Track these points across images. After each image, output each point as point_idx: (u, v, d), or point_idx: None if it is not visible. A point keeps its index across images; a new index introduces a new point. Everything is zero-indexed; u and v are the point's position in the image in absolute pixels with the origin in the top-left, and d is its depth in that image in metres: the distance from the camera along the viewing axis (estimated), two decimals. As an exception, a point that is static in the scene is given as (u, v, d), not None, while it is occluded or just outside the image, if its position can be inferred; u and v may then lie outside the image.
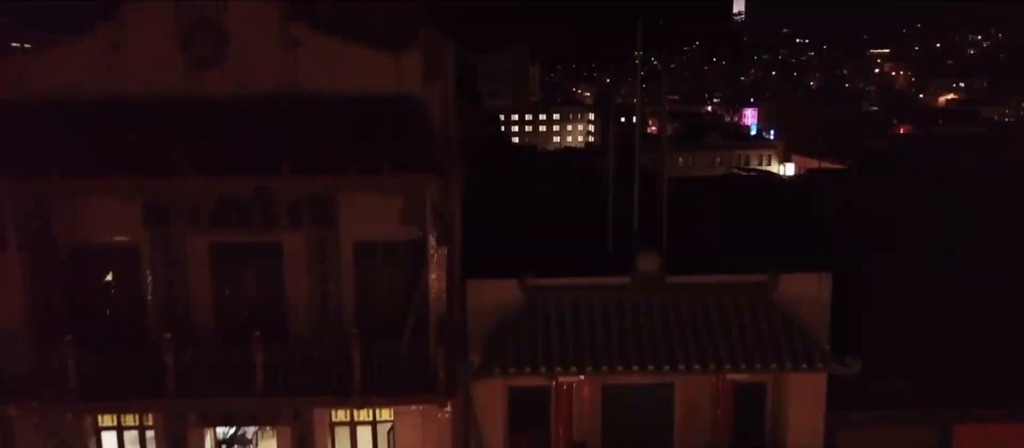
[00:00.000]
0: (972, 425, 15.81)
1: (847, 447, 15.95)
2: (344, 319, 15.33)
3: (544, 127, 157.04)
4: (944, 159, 48.56)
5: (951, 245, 17.31)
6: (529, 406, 16.52)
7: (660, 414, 16.56)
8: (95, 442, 16.08)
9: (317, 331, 15.45)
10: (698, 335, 14.87)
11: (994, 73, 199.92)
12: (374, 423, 16.27)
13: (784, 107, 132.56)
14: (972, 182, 21.19)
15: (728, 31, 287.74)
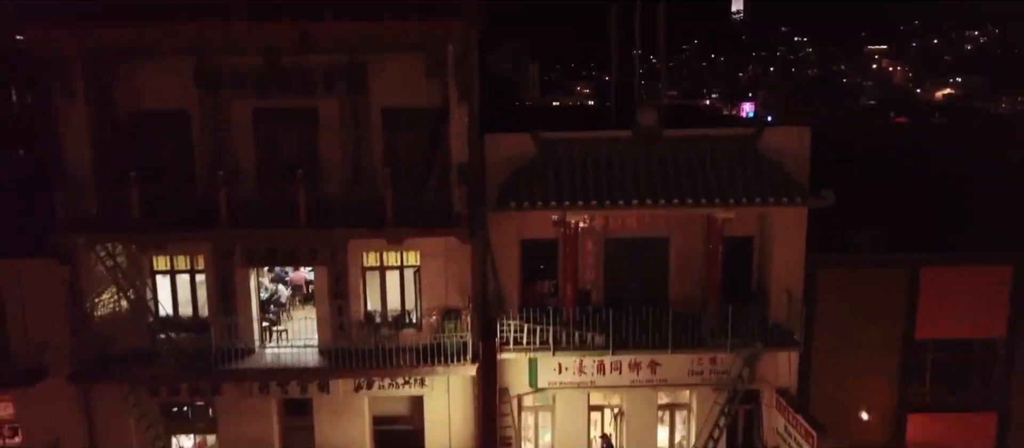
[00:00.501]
0: (936, 267, 17.61)
1: (825, 288, 17.72)
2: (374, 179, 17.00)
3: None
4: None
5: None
6: (539, 258, 18.34)
7: (656, 266, 18.34)
8: (151, 285, 17.85)
9: (350, 191, 17.18)
10: (692, 178, 16.68)
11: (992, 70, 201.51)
12: (401, 268, 18.06)
13: (782, 95, 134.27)
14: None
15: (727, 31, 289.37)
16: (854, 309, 17.86)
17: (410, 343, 17.66)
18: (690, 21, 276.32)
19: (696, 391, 18.32)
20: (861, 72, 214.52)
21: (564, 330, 17.19)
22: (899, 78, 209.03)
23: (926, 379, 18.38)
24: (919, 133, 29.05)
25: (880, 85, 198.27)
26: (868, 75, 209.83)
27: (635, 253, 18.31)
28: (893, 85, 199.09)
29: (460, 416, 18.19)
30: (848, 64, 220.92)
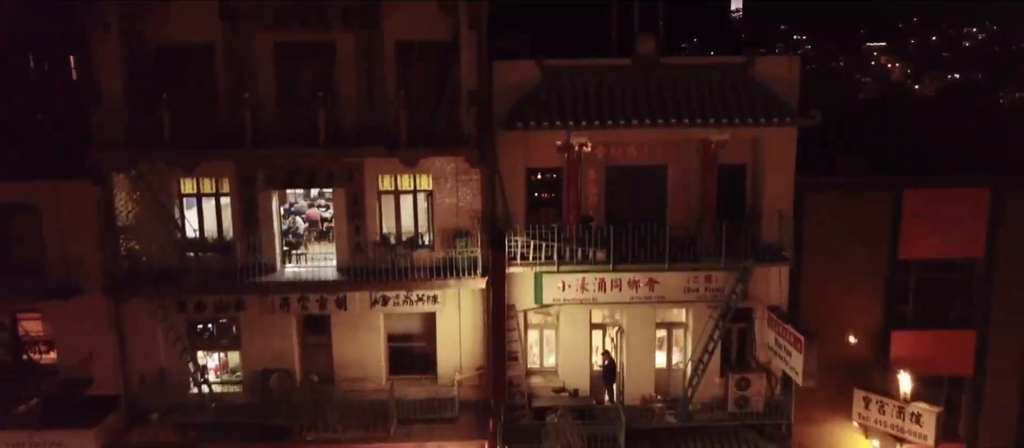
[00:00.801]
0: (918, 190, 18.71)
1: (813, 209, 18.81)
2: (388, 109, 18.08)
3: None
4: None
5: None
6: (544, 187, 19.44)
7: (655, 192, 19.40)
8: (179, 207, 18.95)
9: (365, 118, 18.27)
10: (689, 102, 17.78)
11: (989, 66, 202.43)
12: (414, 192, 19.16)
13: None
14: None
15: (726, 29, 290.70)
16: (841, 231, 18.93)
17: (423, 263, 18.75)
18: (689, 20, 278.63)
19: (692, 309, 19.39)
20: (860, 69, 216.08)
21: (567, 246, 18.26)
22: (898, 74, 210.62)
23: (909, 297, 19.45)
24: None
25: (879, 81, 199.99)
26: (867, 72, 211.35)
27: (635, 181, 19.38)
28: (892, 81, 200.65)
29: (470, 333, 19.29)
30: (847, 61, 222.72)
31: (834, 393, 19.37)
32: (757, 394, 19.15)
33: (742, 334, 19.87)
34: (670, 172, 19.35)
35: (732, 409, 19.22)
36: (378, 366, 19.42)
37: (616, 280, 18.79)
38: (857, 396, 19.21)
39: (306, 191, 21.84)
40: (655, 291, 18.92)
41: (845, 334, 19.26)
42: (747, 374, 19.19)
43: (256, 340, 19.25)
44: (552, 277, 18.69)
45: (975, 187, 18.78)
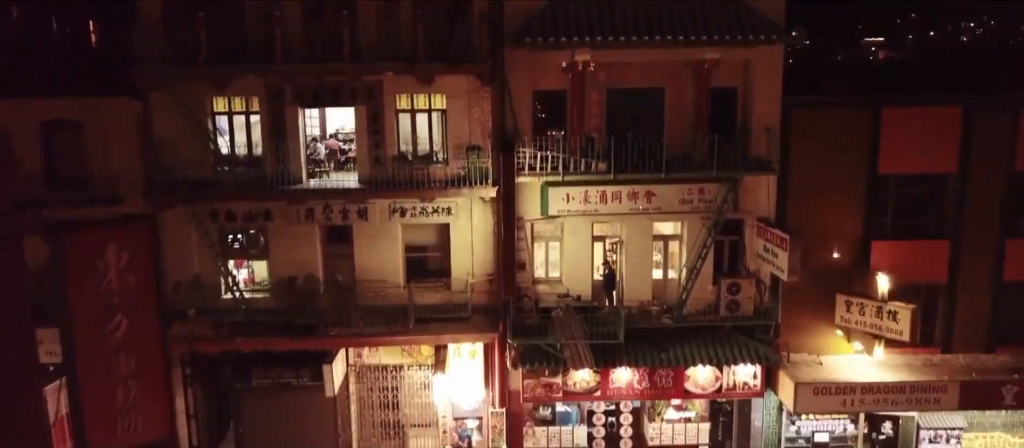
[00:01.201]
0: (896, 108, 20.24)
1: (799, 127, 20.33)
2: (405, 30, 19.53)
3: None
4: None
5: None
6: (550, 106, 20.93)
7: (653, 114, 20.90)
8: (212, 123, 20.44)
9: (384, 38, 19.78)
10: (684, 23, 19.29)
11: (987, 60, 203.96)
12: (429, 111, 20.68)
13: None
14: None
15: None
16: (825, 147, 20.46)
17: (438, 177, 20.30)
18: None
19: (686, 221, 20.90)
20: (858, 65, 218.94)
21: (571, 158, 19.79)
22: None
23: (888, 210, 20.98)
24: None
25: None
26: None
27: (634, 102, 20.85)
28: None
29: (481, 243, 20.81)
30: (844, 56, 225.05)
31: (818, 300, 20.93)
32: (747, 298, 20.69)
33: (733, 246, 21.38)
34: (667, 95, 20.84)
35: (724, 313, 20.77)
36: (396, 274, 20.91)
37: (616, 192, 20.32)
38: (839, 300, 20.75)
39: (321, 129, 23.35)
40: (652, 203, 20.45)
41: (829, 244, 20.77)
42: (738, 279, 20.73)
43: (283, 249, 20.73)
44: (557, 190, 20.22)
45: (948, 106, 20.30)
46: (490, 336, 20.16)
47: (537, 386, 21.04)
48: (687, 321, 20.68)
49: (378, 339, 20.18)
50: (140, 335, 7.84)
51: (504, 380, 21.17)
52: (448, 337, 20.26)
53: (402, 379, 22.03)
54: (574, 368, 19.71)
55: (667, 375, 20.91)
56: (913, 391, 19.96)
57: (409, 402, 22.14)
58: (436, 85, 19.99)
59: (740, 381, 21.11)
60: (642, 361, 20.45)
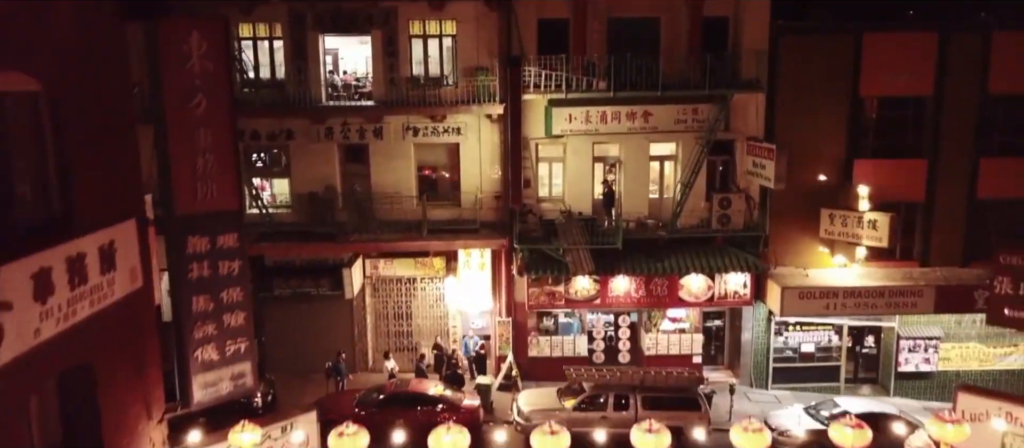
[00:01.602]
0: (876, 34, 21.67)
1: (786, 51, 21.74)
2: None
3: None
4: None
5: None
6: (553, 34, 22.29)
7: (650, 40, 22.29)
8: (237, 47, 21.84)
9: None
10: (677, -49, 20.73)
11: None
12: (440, 36, 22.10)
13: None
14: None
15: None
16: (811, 71, 21.87)
17: (449, 98, 21.74)
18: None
19: (681, 141, 22.35)
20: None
21: (574, 77, 21.22)
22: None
23: (869, 130, 22.42)
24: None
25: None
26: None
27: (632, 30, 22.21)
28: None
29: (489, 162, 22.25)
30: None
31: (804, 215, 22.39)
32: (737, 212, 22.15)
33: (725, 166, 22.83)
34: (663, 23, 22.23)
35: (715, 226, 22.23)
36: (410, 191, 22.35)
37: (616, 112, 21.78)
38: (824, 214, 22.21)
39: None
40: (649, 122, 21.91)
41: (814, 163, 22.20)
42: (728, 194, 22.19)
43: (303, 168, 22.17)
44: (561, 109, 21.66)
45: (924, 31, 21.73)
46: (498, 242, 21.63)
47: (541, 294, 22.51)
48: (681, 233, 22.13)
49: (394, 245, 21.66)
50: (216, 115, 9.02)
51: (511, 290, 22.65)
52: (459, 244, 21.74)
53: (415, 292, 23.48)
54: (576, 273, 21.17)
55: (662, 284, 22.37)
56: (891, 295, 21.40)
57: (421, 314, 23.58)
58: (447, 11, 21.42)
59: (731, 290, 22.56)
60: (639, 270, 21.90)
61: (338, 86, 24.23)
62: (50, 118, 7.35)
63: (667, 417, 19.06)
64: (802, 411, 20.42)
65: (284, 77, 21.91)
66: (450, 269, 22.74)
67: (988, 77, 21.83)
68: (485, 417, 20.63)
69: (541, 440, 10.89)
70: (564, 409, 19.49)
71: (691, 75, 21.59)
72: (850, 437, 11.08)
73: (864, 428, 11.30)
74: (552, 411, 19.32)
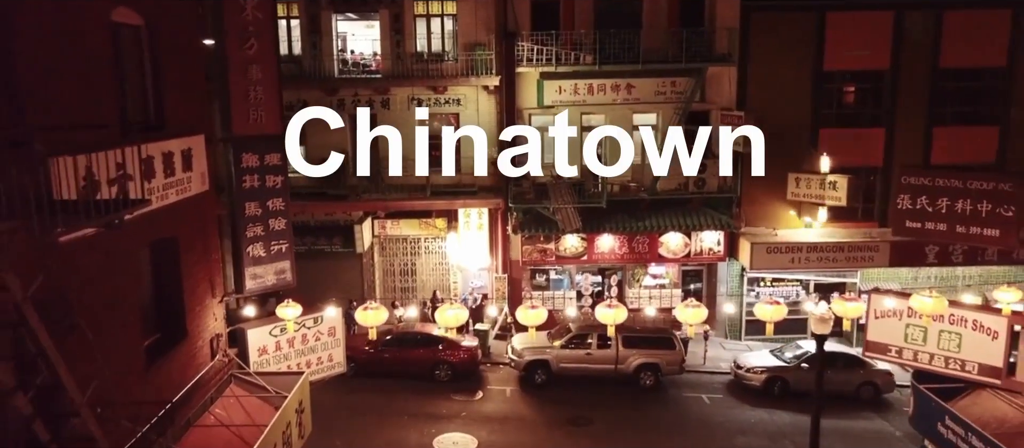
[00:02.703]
0: (838, 13, 23.89)
1: (757, 27, 23.94)
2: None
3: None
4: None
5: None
6: (545, 12, 24.47)
7: (632, 19, 24.46)
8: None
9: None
10: (656, -63, 22.94)
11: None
12: (442, 16, 24.30)
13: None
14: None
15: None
16: (779, 46, 24.08)
17: (450, 72, 23.93)
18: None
19: (661, 111, 24.54)
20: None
21: (563, 51, 23.43)
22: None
23: (833, 101, 24.65)
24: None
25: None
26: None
27: (616, 9, 24.38)
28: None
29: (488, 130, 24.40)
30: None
31: (773, 180, 24.45)
32: (712, 176, 24.35)
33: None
34: (645, 2, 24.40)
35: (692, 189, 24.44)
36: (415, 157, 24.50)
37: (602, 85, 24.00)
38: (790, 178, 24.41)
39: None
40: (632, 94, 24.14)
41: (782, 131, 24.36)
42: (704, 160, 24.35)
43: (316, 135, 24.29)
44: (552, 82, 23.88)
45: (882, 10, 23.95)
46: (495, 202, 23.84)
47: (534, 251, 24.72)
48: (661, 196, 24.35)
49: (401, 203, 23.84)
50: (264, 55, 10.97)
51: (506, 248, 24.85)
52: (459, 203, 23.95)
53: (419, 250, 25.67)
54: (565, 230, 23.35)
55: (644, 241, 24.59)
56: (850, 250, 23.64)
57: (425, 271, 25.77)
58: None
59: (706, 247, 24.79)
60: (622, 228, 24.11)
61: (348, 62, 26.49)
62: (148, 47, 9.49)
63: (645, 354, 21.46)
64: (768, 353, 22.66)
65: (300, 52, 24.07)
66: (451, 228, 24.94)
67: (940, 52, 24.03)
68: (482, 359, 22.81)
69: (524, 313, 13.13)
70: (553, 347, 21.69)
71: (670, 50, 23.80)
72: (850, 309, 13.57)
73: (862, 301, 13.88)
74: (543, 348, 21.55)
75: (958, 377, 12.98)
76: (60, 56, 7.59)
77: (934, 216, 15.19)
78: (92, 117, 7.86)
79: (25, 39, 7.07)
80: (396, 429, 18.58)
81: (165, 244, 9.68)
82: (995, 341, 12.46)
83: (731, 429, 19.16)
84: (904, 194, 16.01)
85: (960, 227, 14.85)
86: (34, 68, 7.17)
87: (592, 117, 24.87)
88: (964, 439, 11.21)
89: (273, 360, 12.25)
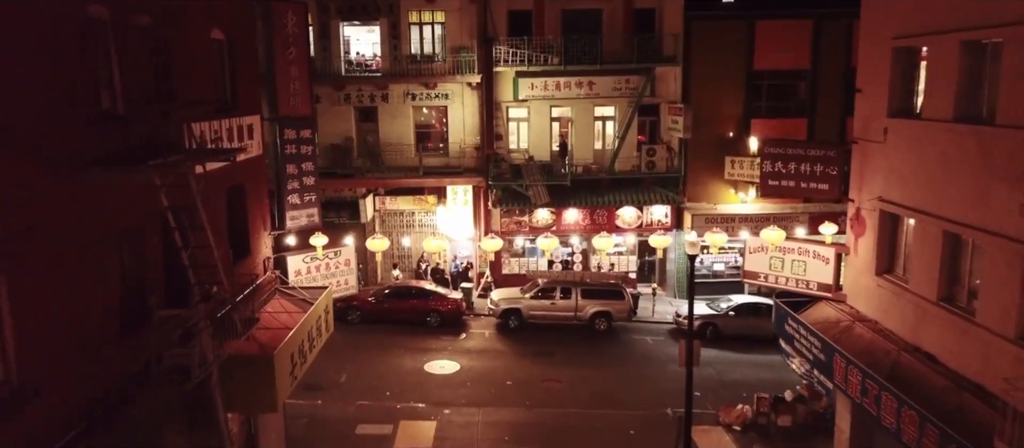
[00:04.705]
0: (765, 21, 28.43)
1: (697, 34, 28.47)
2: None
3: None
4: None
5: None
6: (519, 21, 28.98)
7: (593, 26, 28.97)
8: (276, 32, 28.48)
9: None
10: (611, -42, 27.46)
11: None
12: (433, 23, 28.80)
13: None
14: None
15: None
16: (717, 49, 28.57)
17: (439, 71, 28.44)
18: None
19: (617, 104, 29.08)
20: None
21: (534, 53, 27.95)
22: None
23: (762, 95, 29.18)
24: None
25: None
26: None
27: (580, 18, 28.92)
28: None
29: (471, 122, 28.94)
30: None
31: (713, 163, 29.08)
32: (661, 159, 28.90)
33: (652, 124, 29.57)
34: (604, 13, 28.94)
35: (644, 170, 28.97)
36: (409, 143, 29.03)
37: (567, 82, 28.53)
38: (727, 160, 28.92)
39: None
40: (593, 90, 28.67)
41: (720, 121, 28.92)
42: (653, 146, 28.94)
43: (327, 124, 28.78)
44: (525, 79, 28.39)
45: (802, 19, 28.49)
46: (478, 180, 28.36)
47: (511, 223, 29.23)
48: (617, 175, 28.88)
49: (398, 181, 28.34)
50: (299, 57, 15.07)
51: (488, 221, 29.32)
52: (447, 181, 28.46)
53: (413, 223, 30.16)
54: (536, 204, 27.86)
55: (603, 214, 29.12)
56: (776, 220, 28.11)
57: (418, 240, 30.24)
58: (438, 4, 28.11)
59: (656, 219, 29.33)
60: (585, 203, 28.64)
61: (353, 63, 30.98)
62: (228, 54, 13.88)
63: (599, 303, 25.98)
64: (705, 305, 27.18)
65: (314, 55, 28.50)
66: (441, 203, 29.43)
67: (850, 55, 28.51)
68: (465, 310, 27.31)
69: (487, 242, 17.61)
70: (525, 298, 26.20)
71: (625, 52, 28.32)
72: (774, 237, 18.13)
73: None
74: (516, 299, 26.09)
75: (805, 293, 17.47)
76: (187, 60, 12.07)
77: (786, 176, 19.80)
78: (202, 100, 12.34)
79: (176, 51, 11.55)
80: (395, 358, 23.07)
81: (236, 189, 14.13)
82: (827, 265, 16.97)
83: (665, 360, 23.65)
84: (767, 161, 20.64)
85: (803, 183, 19.46)
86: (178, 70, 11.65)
87: (561, 109, 29.42)
88: (796, 331, 15.65)
89: (305, 280, 16.69)
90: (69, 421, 8.65)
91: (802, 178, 20.65)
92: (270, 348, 12.13)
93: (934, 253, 12.91)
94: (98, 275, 9.35)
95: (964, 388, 11.73)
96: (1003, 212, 11.04)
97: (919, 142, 13.47)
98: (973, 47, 12.03)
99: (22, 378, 7.99)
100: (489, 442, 18.14)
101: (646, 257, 30.87)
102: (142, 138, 10.02)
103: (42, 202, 8.35)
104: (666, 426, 18.79)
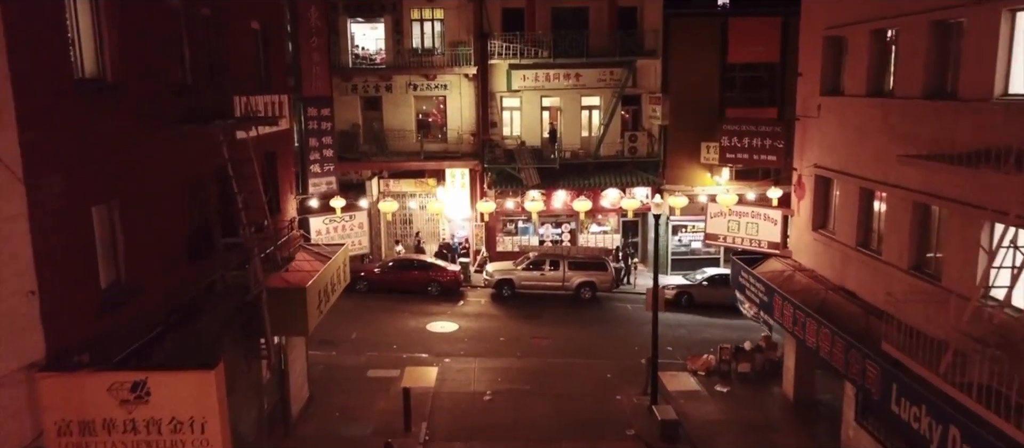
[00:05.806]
0: (736, 18, 31.06)
1: (676, 29, 31.11)
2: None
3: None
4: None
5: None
6: (513, 17, 31.58)
7: (581, 23, 31.62)
8: (289, 28, 31.03)
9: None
10: (596, -40, 30.08)
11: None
12: (433, 20, 31.39)
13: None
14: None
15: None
16: (694, 44, 31.21)
17: (438, 64, 31.03)
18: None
19: (602, 94, 31.70)
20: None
21: (526, 47, 30.56)
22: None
23: (735, 86, 31.81)
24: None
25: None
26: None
27: (568, 15, 31.56)
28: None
29: (468, 110, 31.54)
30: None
31: (690, 148, 31.70)
32: (642, 145, 31.51)
33: (635, 113, 32.20)
34: (590, 11, 31.56)
35: (626, 155, 31.58)
36: (411, 130, 31.60)
37: (556, 74, 31.15)
38: (703, 146, 31.54)
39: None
40: (580, 81, 31.29)
41: (696, 109, 31.53)
42: (635, 133, 31.55)
43: (335, 113, 31.30)
44: (517, 71, 30.99)
45: (771, 17, 31.13)
46: (474, 163, 30.95)
47: (505, 204, 31.80)
48: (602, 160, 31.49)
49: (401, 164, 30.91)
50: (321, 45, 17.41)
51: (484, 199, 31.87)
52: (446, 164, 31.07)
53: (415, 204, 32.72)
54: (527, 185, 30.45)
55: (589, 195, 31.70)
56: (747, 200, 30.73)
57: (419, 220, 32.84)
58: (437, 2, 30.70)
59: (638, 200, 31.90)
60: (572, 185, 31.24)
61: (359, 56, 33.56)
62: (263, 42, 16.45)
63: (585, 274, 28.59)
64: (682, 277, 29.80)
65: (322, 49, 31.07)
66: (440, 185, 32.00)
67: (816, 49, 31.15)
68: (463, 282, 29.89)
69: (481, 204, 20.12)
70: (517, 270, 28.79)
71: (610, 47, 30.94)
72: (728, 200, 20.78)
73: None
74: (509, 271, 28.69)
75: (758, 251, 20.10)
76: (234, 45, 14.64)
77: (742, 150, 22.43)
78: (245, 78, 14.91)
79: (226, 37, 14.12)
80: (400, 320, 25.66)
81: (270, 156, 16.72)
82: (776, 226, 19.61)
83: (642, 322, 26.17)
84: (725, 137, 23.33)
85: (756, 155, 22.09)
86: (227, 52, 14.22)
87: (551, 99, 32.03)
88: (747, 280, 18.25)
89: (325, 239, 19.26)
90: (158, 318, 11.22)
91: (754, 151, 23.67)
92: (302, 283, 14.71)
93: (853, 207, 15.55)
94: (177, 209, 11.93)
95: (871, 314, 14.36)
96: (898, 167, 13.68)
97: (843, 115, 16.12)
98: (879, 35, 14.69)
99: (128, 279, 10.57)
100: (484, 382, 20.75)
101: (630, 237, 33.47)
102: (205, 104, 12.60)
103: (141, 148, 10.93)
104: (639, 372, 21.37)
